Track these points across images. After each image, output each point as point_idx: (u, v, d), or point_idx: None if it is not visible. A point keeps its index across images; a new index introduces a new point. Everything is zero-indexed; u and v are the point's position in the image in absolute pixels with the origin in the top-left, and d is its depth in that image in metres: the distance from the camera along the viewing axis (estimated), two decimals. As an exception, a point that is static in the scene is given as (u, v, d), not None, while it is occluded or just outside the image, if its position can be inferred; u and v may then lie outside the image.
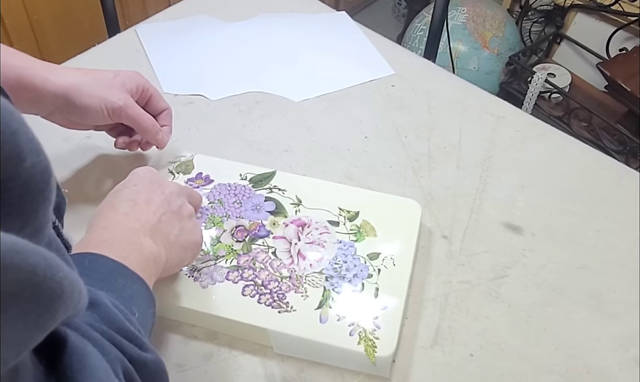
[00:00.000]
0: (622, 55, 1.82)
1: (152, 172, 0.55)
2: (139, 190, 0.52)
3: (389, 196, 0.68)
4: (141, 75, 0.65)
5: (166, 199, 0.52)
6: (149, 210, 0.50)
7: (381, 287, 0.58)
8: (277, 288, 0.57)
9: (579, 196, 0.72)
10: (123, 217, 0.49)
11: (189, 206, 0.55)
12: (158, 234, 0.50)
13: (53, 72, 0.59)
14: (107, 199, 0.52)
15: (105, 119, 0.62)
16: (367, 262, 0.60)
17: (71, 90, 0.59)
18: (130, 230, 0.48)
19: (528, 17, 2.10)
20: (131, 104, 0.62)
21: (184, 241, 0.53)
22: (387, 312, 0.56)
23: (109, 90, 0.61)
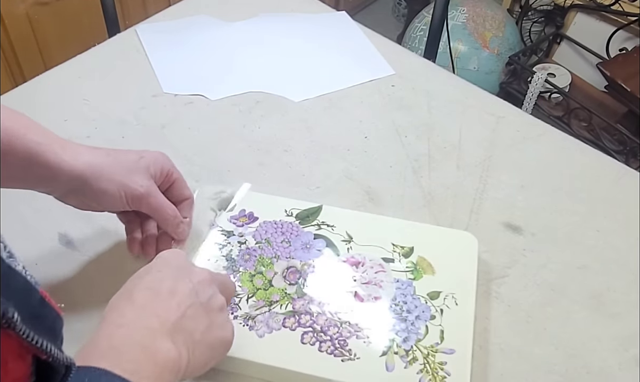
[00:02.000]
0: (622, 55, 1.82)
1: (180, 256, 0.49)
2: (163, 277, 0.46)
3: (443, 229, 0.66)
4: (167, 157, 0.59)
5: (194, 288, 0.46)
6: (172, 302, 0.45)
7: (446, 329, 0.55)
8: (338, 334, 0.55)
9: (579, 196, 0.72)
10: (139, 312, 0.43)
11: (219, 298, 0.49)
12: (180, 333, 0.44)
13: (70, 151, 0.53)
14: (127, 286, 0.46)
15: (124, 206, 0.56)
16: (428, 303, 0.57)
17: (88, 172, 0.53)
18: (146, 331, 0.42)
19: (528, 17, 2.10)
20: (153, 192, 0.56)
21: (211, 339, 0.47)
22: (455, 356, 0.53)
23: (130, 175, 0.55)
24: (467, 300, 0.58)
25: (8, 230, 0.66)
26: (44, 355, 0.38)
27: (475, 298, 0.58)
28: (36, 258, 0.63)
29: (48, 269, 0.63)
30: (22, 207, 0.68)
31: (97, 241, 0.65)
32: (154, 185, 0.57)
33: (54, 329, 0.40)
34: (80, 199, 0.55)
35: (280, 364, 0.53)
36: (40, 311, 0.39)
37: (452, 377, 0.52)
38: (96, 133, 0.78)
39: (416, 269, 0.60)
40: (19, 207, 0.68)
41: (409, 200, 0.71)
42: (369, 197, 0.72)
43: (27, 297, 0.38)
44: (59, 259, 0.64)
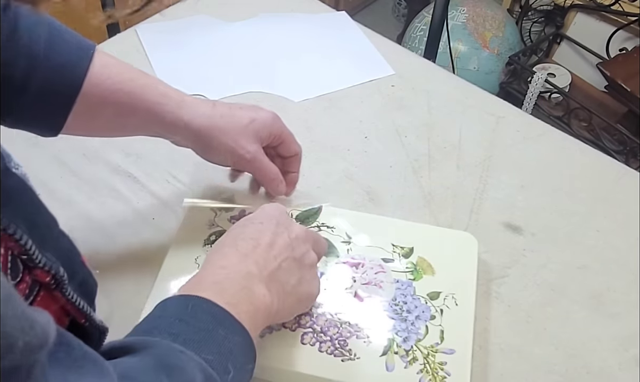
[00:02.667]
0: (622, 55, 1.82)
1: (281, 211, 0.53)
2: (264, 229, 0.50)
3: (443, 230, 0.66)
4: (278, 118, 0.62)
5: (290, 243, 0.50)
6: (271, 254, 0.49)
7: (446, 329, 0.55)
8: (338, 334, 0.55)
9: (579, 196, 0.72)
10: (242, 258, 0.47)
11: (312, 254, 0.53)
12: (275, 282, 0.48)
13: (187, 107, 0.57)
14: (230, 233, 0.51)
15: (230, 164, 0.62)
16: (428, 303, 0.58)
17: (202, 133, 0.58)
18: (246, 274, 0.46)
19: (528, 17, 2.10)
20: (258, 158, 0.60)
21: (300, 292, 0.51)
22: (455, 356, 0.53)
23: (240, 139, 0.59)
24: (467, 300, 0.58)
25: (8, 230, 0.66)
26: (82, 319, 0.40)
27: (475, 298, 0.58)
28: (36, 258, 0.63)
29: (48, 269, 0.62)
30: (22, 207, 0.68)
31: (97, 240, 0.65)
32: (260, 150, 0.60)
33: (92, 293, 0.44)
34: (193, 148, 0.60)
35: (280, 365, 0.53)
36: (82, 273, 0.42)
37: (452, 377, 0.52)
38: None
39: (416, 270, 0.60)
40: (19, 207, 0.68)
41: (409, 200, 0.71)
42: (369, 197, 0.72)
43: (71, 259, 0.41)
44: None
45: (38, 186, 0.69)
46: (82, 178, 0.72)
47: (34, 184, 0.70)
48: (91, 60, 0.53)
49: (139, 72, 0.57)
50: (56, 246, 0.39)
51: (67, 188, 0.70)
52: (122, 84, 0.55)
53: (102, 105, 0.54)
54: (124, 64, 0.57)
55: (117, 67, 0.56)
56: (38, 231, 0.37)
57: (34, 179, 0.69)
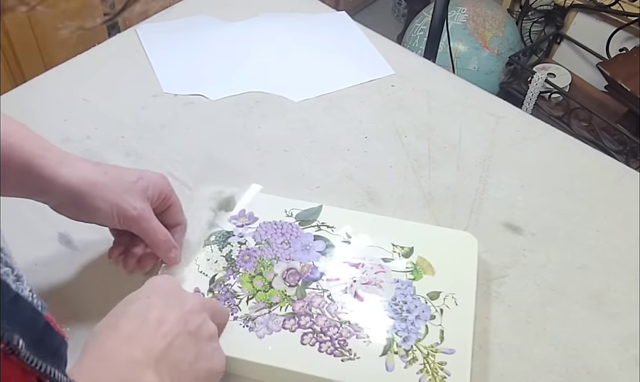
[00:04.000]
0: (622, 55, 1.82)
1: (171, 282, 0.49)
2: (152, 304, 0.45)
3: (443, 229, 0.66)
4: (167, 180, 0.59)
5: (182, 317, 0.46)
6: (159, 332, 0.44)
7: (446, 329, 0.55)
8: (338, 334, 0.55)
9: (579, 196, 0.72)
10: (124, 342, 0.42)
11: (210, 325, 0.48)
12: (165, 364, 0.43)
13: (67, 164, 0.53)
14: (114, 313, 0.45)
15: (116, 225, 0.56)
16: (428, 303, 0.57)
17: (83, 188, 0.53)
18: (129, 362, 0.41)
19: (528, 17, 2.10)
20: (146, 216, 0.55)
21: (198, 370, 0.45)
22: (455, 357, 0.53)
23: (125, 196, 0.54)
24: (467, 300, 0.58)
25: (8, 230, 0.66)
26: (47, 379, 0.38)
27: (475, 298, 0.58)
28: (36, 258, 0.63)
29: (48, 269, 0.63)
30: (22, 207, 0.68)
31: (97, 240, 0.65)
32: (149, 209, 0.56)
33: (58, 353, 0.40)
34: (73, 212, 0.55)
35: (280, 365, 0.53)
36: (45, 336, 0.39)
37: (452, 377, 0.52)
38: (96, 133, 0.78)
39: (416, 269, 0.60)
40: (19, 207, 0.68)
41: (409, 200, 0.71)
42: (369, 197, 0.72)
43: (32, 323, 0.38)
44: (59, 259, 0.64)
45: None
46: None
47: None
48: None
49: (20, 125, 0.53)
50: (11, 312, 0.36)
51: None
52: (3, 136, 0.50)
53: None
54: (7, 117, 0.53)
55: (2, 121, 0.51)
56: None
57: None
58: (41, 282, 0.61)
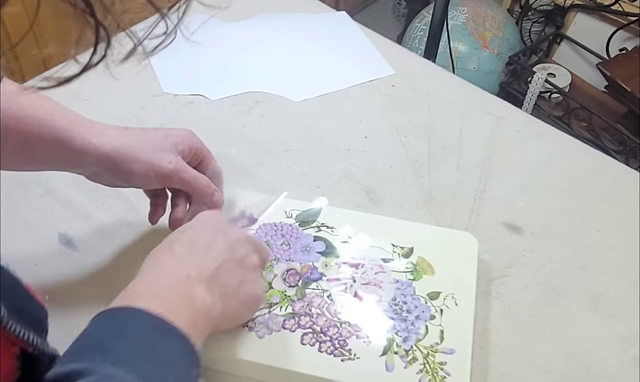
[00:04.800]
0: (622, 55, 1.82)
1: (218, 216, 0.51)
2: (202, 232, 0.48)
3: (443, 229, 0.66)
4: (194, 134, 0.60)
5: (230, 245, 0.49)
6: (210, 255, 0.47)
7: (446, 329, 0.55)
8: (338, 334, 0.55)
9: (579, 196, 0.72)
10: (179, 261, 0.45)
11: (254, 257, 0.51)
12: (215, 283, 0.46)
13: (97, 133, 0.54)
14: (167, 239, 0.48)
15: (155, 185, 0.57)
16: (428, 303, 0.57)
17: (115, 154, 0.53)
18: (184, 278, 0.44)
19: (528, 17, 2.10)
20: (183, 167, 0.56)
21: (243, 294, 0.49)
22: (455, 356, 0.53)
23: (158, 154, 0.55)
24: (467, 300, 0.58)
25: (8, 230, 0.66)
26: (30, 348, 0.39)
27: (475, 298, 0.58)
28: (36, 258, 0.63)
29: (48, 269, 0.63)
30: (22, 207, 0.68)
31: (97, 241, 0.65)
32: (182, 161, 0.57)
33: (39, 321, 0.41)
34: (109, 179, 0.56)
35: (280, 365, 0.53)
36: (25, 304, 0.40)
37: (452, 377, 0.52)
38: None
39: (416, 270, 0.60)
40: (19, 207, 0.68)
41: (409, 200, 0.71)
42: (369, 197, 0.72)
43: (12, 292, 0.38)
44: (59, 259, 0.64)
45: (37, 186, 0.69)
46: (82, 178, 0.72)
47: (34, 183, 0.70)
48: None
49: (47, 98, 0.54)
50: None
51: (67, 188, 0.70)
52: (29, 110, 0.51)
53: (9, 133, 0.51)
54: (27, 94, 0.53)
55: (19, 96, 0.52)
56: None
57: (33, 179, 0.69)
58: (41, 282, 0.61)
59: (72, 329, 0.56)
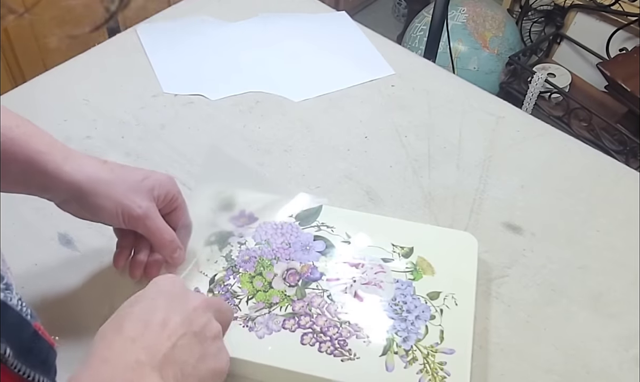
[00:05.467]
0: (622, 55, 1.82)
1: (176, 283, 0.48)
2: (156, 306, 0.45)
3: (443, 229, 0.66)
4: (174, 181, 0.58)
5: (187, 317, 0.45)
6: (163, 334, 0.43)
7: (446, 329, 0.55)
8: (338, 334, 0.55)
9: (579, 196, 0.72)
10: (128, 344, 0.42)
11: (215, 325, 0.47)
12: (170, 366, 0.42)
13: (72, 161, 0.52)
14: (118, 315, 0.45)
15: (120, 224, 0.55)
16: (428, 303, 0.57)
17: (87, 186, 0.52)
18: (134, 365, 0.40)
19: (528, 17, 2.10)
20: (152, 215, 0.54)
21: (203, 370, 0.45)
22: (455, 356, 0.53)
23: (130, 195, 0.53)
24: (467, 300, 0.58)
25: (8, 230, 0.66)
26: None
27: (475, 298, 0.58)
28: (36, 258, 0.63)
29: (48, 269, 0.63)
30: (22, 207, 0.68)
31: (97, 241, 0.65)
32: (154, 208, 0.55)
33: (47, 361, 0.40)
34: (77, 209, 0.55)
35: (280, 365, 0.53)
36: (33, 344, 0.38)
37: (452, 377, 0.52)
38: (96, 133, 0.78)
39: (416, 270, 0.60)
40: (19, 207, 0.68)
41: (409, 200, 0.71)
42: (369, 197, 0.72)
43: (19, 332, 0.37)
44: (59, 259, 0.64)
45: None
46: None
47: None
48: None
49: (25, 121, 0.53)
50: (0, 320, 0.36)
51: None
52: (5, 130, 0.50)
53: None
54: (11, 112, 0.52)
55: (3, 114, 0.51)
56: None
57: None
58: (41, 282, 0.61)
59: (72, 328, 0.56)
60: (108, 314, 0.45)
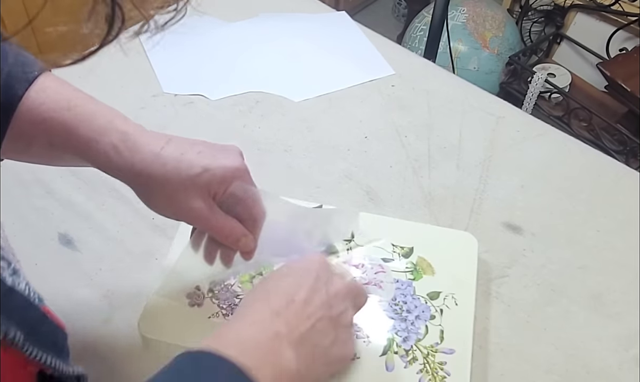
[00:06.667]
0: (622, 55, 1.82)
1: (322, 264, 0.49)
2: (301, 285, 0.46)
3: (443, 229, 0.66)
4: (240, 173, 0.51)
5: (328, 301, 0.46)
6: (304, 313, 0.45)
7: (446, 329, 0.56)
8: None
9: (579, 196, 0.72)
10: (273, 316, 0.44)
11: (350, 314, 0.49)
12: (305, 345, 0.44)
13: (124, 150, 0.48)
14: (264, 285, 0.47)
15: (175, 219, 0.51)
16: (428, 303, 0.58)
17: (137, 183, 0.48)
18: (275, 335, 0.43)
19: (528, 17, 2.10)
20: (204, 215, 0.49)
21: (332, 356, 0.47)
22: (455, 356, 0.54)
23: (182, 195, 0.48)
24: (467, 300, 0.58)
25: (8, 230, 0.66)
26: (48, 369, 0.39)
27: (475, 298, 0.58)
28: (36, 258, 0.63)
29: (48, 269, 0.63)
30: (22, 207, 0.68)
31: (97, 241, 0.65)
32: (209, 206, 0.49)
33: (58, 343, 0.41)
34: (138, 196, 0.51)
35: None
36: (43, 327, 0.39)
37: (452, 377, 0.52)
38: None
39: (416, 270, 0.60)
40: (19, 207, 0.68)
41: (409, 200, 0.71)
42: (369, 197, 0.72)
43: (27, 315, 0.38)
44: (59, 259, 0.64)
45: (37, 186, 0.69)
46: (82, 178, 0.72)
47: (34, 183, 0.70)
48: (32, 83, 0.47)
49: (82, 99, 0.49)
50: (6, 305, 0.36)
51: (67, 188, 0.70)
52: (55, 113, 0.47)
53: (34, 133, 0.48)
54: (67, 90, 0.49)
55: (57, 94, 0.48)
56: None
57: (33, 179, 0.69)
58: (41, 282, 0.61)
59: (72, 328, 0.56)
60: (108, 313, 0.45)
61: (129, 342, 0.57)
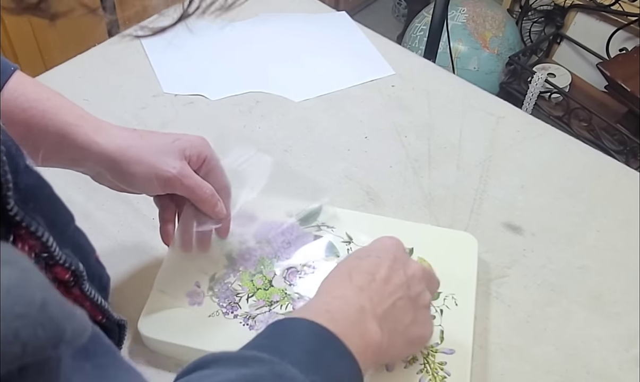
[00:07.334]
0: (622, 55, 1.82)
1: (399, 246, 0.51)
2: (381, 264, 0.48)
3: (443, 230, 0.66)
4: (206, 142, 0.56)
5: (406, 282, 0.48)
6: (385, 290, 0.47)
7: (446, 329, 0.56)
8: None
9: (579, 196, 0.72)
10: (356, 291, 0.46)
11: (427, 295, 0.50)
12: (387, 320, 0.46)
13: (102, 132, 0.52)
14: (345, 264, 0.49)
15: (157, 190, 0.54)
16: None
17: (118, 154, 0.51)
18: (360, 309, 0.44)
19: (528, 17, 2.10)
20: (187, 173, 0.53)
21: (412, 334, 0.49)
22: (455, 356, 0.54)
23: (162, 157, 0.52)
24: (467, 300, 0.58)
25: (8, 230, 0.66)
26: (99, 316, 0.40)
27: (475, 298, 0.58)
28: (36, 258, 0.63)
29: (48, 269, 0.62)
30: (22, 207, 0.68)
31: (97, 240, 0.65)
32: (187, 167, 0.54)
33: (106, 289, 0.44)
34: (111, 180, 0.54)
35: None
36: (96, 269, 0.42)
37: (452, 377, 0.52)
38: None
39: None
40: (19, 207, 0.68)
41: (409, 200, 0.71)
42: (369, 197, 0.72)
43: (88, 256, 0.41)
44: (59, 259, 0.64)
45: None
46: (82, 178, 0.72)
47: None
48: (9, 78, 0.49)
49: (56, 93, 0.52)
50: (73, 242, 0.39)
51: (67, 188, 0.70)
52: (35, 103, 0.50)
53: (12, 123, 0.49)
54: (41, 85, 0.52)
55: (34, 87, 0.51)
56: (57, 228, 0.37)
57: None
58: (41, 282, 0.61)
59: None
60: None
61: (129, 342, 0.57)
